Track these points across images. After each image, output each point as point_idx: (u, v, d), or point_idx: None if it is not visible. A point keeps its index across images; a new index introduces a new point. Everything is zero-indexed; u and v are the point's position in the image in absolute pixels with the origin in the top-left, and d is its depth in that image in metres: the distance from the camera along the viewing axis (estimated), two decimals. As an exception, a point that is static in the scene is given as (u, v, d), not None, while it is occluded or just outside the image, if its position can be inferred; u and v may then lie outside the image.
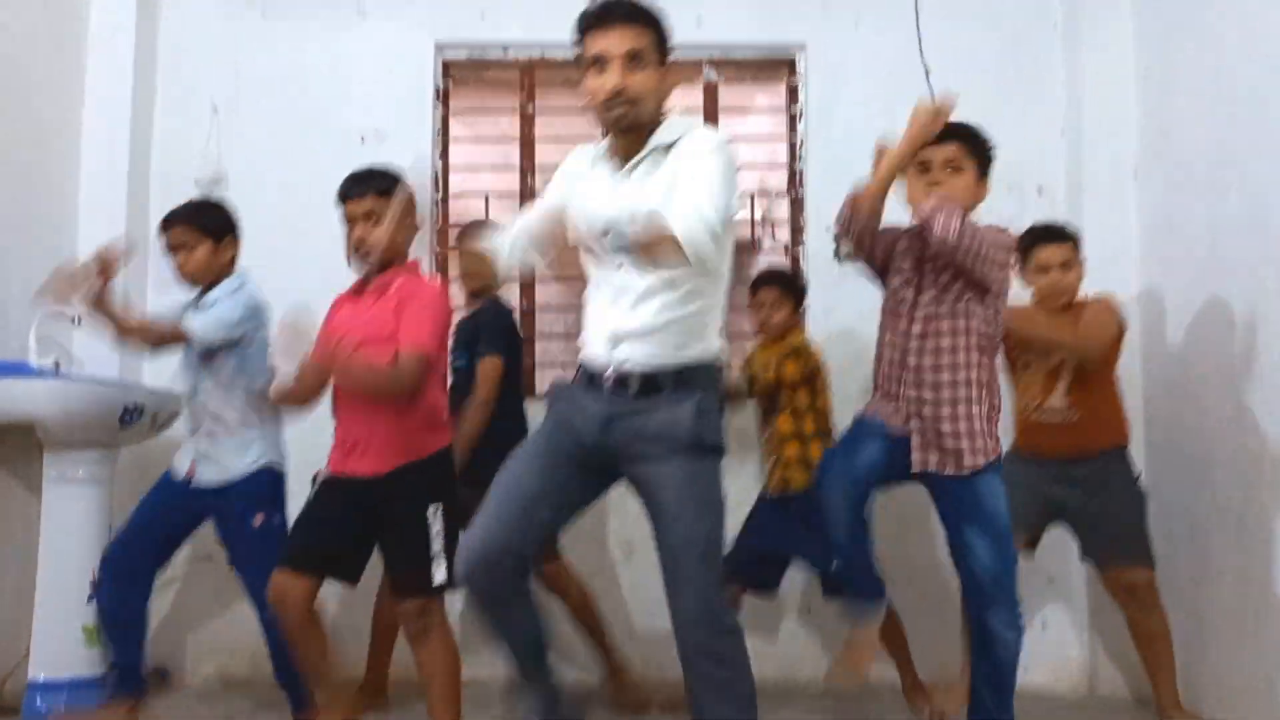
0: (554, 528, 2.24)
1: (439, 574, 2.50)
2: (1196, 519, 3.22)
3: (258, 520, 2.85)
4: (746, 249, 4.43)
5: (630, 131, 2.13)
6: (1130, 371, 3.44)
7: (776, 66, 4.08)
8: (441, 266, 3.94)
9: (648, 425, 2.07)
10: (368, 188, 2.61)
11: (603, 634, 3.34)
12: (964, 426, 2.41)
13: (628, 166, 2.14)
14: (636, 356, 2.08)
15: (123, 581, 2.91)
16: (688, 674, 2.06)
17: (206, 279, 2.94)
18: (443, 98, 3.99)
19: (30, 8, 3.41)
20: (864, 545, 2.49)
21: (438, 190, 3.94)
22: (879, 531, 2.62)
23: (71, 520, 3.10)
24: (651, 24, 2.15)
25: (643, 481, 2.11)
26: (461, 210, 4.07)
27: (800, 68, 3.98)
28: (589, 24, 2.12)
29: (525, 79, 4.02)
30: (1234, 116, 3.08)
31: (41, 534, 3.11)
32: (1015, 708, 2.49)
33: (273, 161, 3.86)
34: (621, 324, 2.10)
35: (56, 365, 3.25)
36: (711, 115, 4.04)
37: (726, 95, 4.08)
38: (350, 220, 2.63)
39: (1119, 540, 3.02)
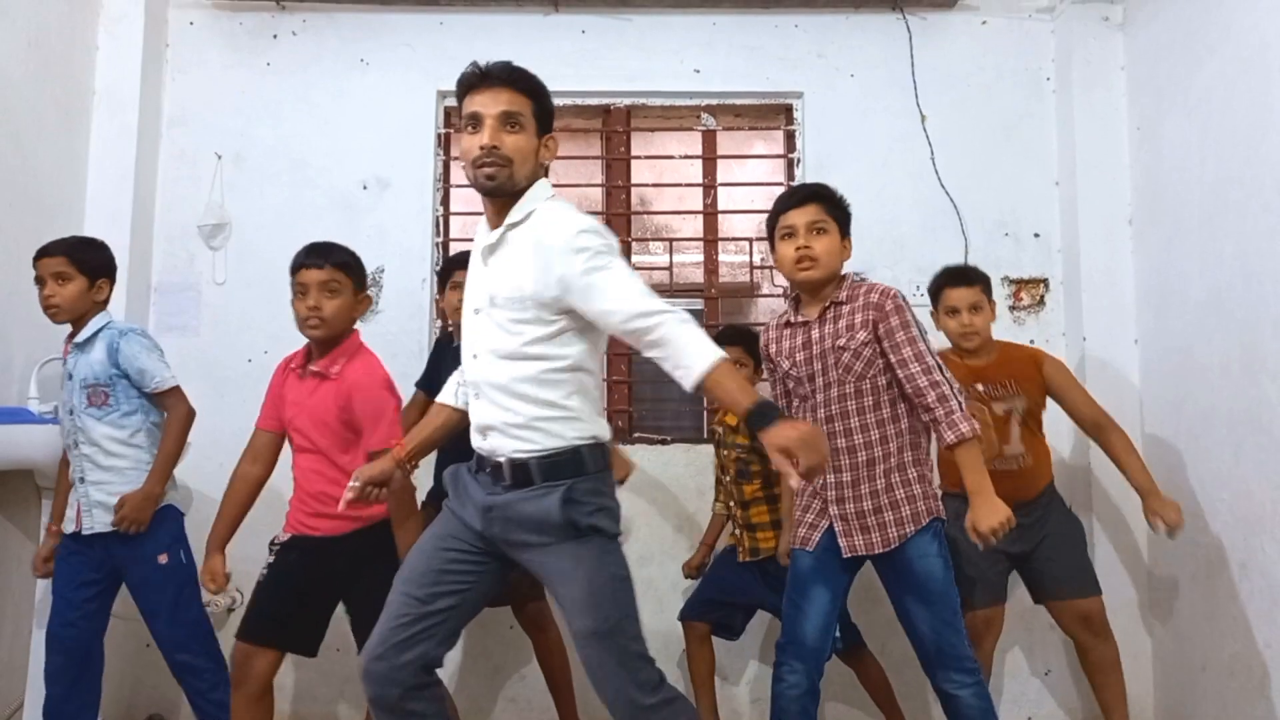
0: (460, 617, 2.12)
1: None
2: (1198, 566, 3.21)
3: (162, 559, 2.81)
4: (744, 293, 4.45)
5: (497, 195, 2.13)
6: (1129, 416, 3.46)
7: (774, 113, 4.13)
8: (442, 314, 3.95)
9: (522, 514, 2.06)
10: (326, 259, 2.63)
11: (568, 685, 3.24)
12: (886, 500, 2.45)
13: (488, 245, 2.16)
14: (505, 449, 2.08)
15: (76, 659, 2.83)
16: None
17: (74, 317, 2.89)
18: (444, 144, 4.03)
19: (36, 55, 3.45)
20: None
21: (438, 235, 3.96)
22: (863, 581, 2.66)
23: (69, 566, 3.09)
24: (531, 90, 2.16)
25: (535, 570, 2.12)
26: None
27: (798, 115, 4.02)
28: (468, 86, 2.14)
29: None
30: (1226, 165, 3.12)
31: (38, 580, 3.10)
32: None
33: (276, 209, 3.89)
34: (488, 416, 2.11)
35: (56, 411, 3.26)
36: (710, 161, 4.08)
37: (724, 142, 4.12)
38: (303, 289, 2.61)
39: (1070, 573, 3.02)
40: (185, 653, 2.81)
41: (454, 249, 4.04)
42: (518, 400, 2.06)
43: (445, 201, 4.02)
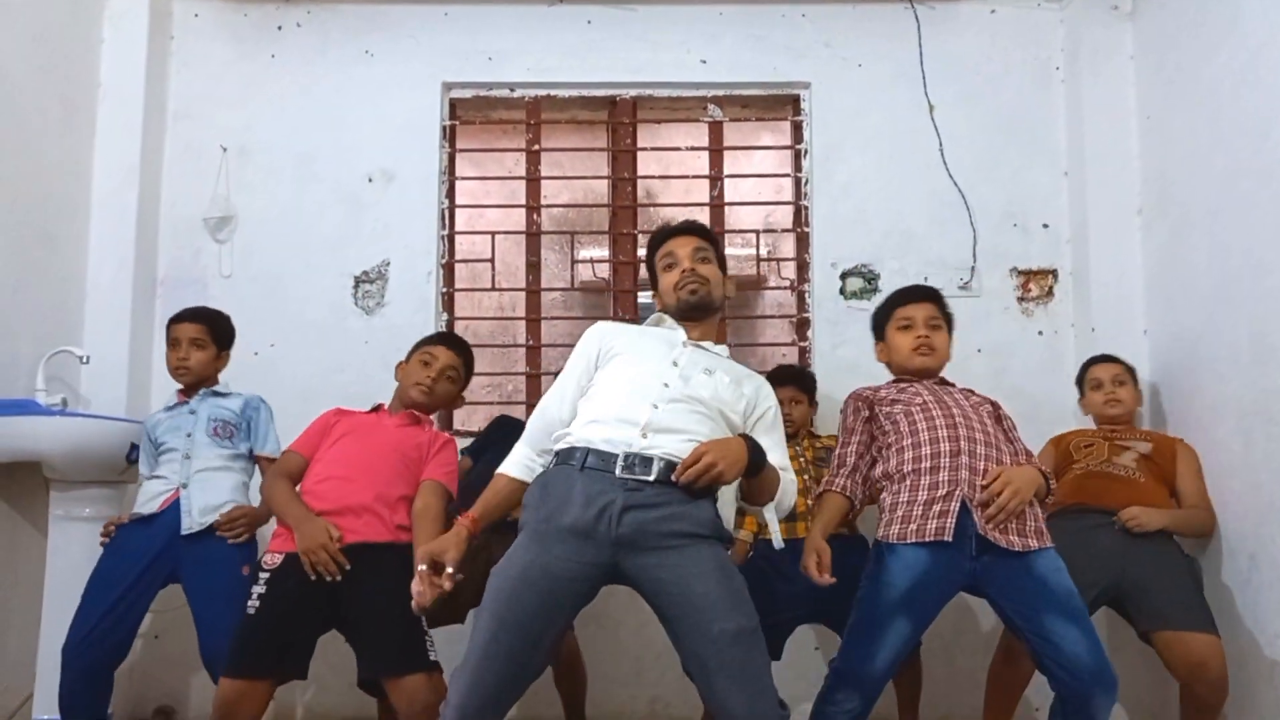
0: (543, 666, 2.14)
1: (432, 651, 2.49)
2: (1207, 557, 3.20)
3: (246, 570, 2.81)
4: (751, 285, 4.44)
5: (702, 312, 2.46)
6: (1138, 409, 3.44)
7: (781, 104, 4.11)
8: (448, 305, 3.95)
9: (674, 511, 2.08)
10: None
11: (580, 704, 3.24)
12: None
13: (693, 339, 2.43)
14: (664, 447, 2.14)
15: (91, 676, 2.82)
16: None
17: (200, 382, 3.09)
18: (449, 136, 4.02)
19: (40, 49, 3.45)
20: None
21: (444, 228, 3.96)
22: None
23: (77, 558, 3.09)
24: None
25: (660, 573, 2.06)
26: (467, 248, 4.09)
27: (805, 106, 4.01)
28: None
29: (531, 118, 4.05)
30: (1235, 155, 3.10)
31: (47, 572, 3.11)
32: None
33: (281, 202, 3.89)
34: (654, 416, 2.18)
35: (64, 403, 3.27)
36: (716, 152, 4.07)
37: (731, 133, 4.11)
38: (428, 360, 2.98)
39: (1182, 602, 2.81)
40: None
41: (459, 242, 4.04)
42: (693, 424, 2.21)
43: (451, 194, 4.02)
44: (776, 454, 2.31)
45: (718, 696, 1.98)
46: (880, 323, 2.83)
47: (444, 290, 3.94)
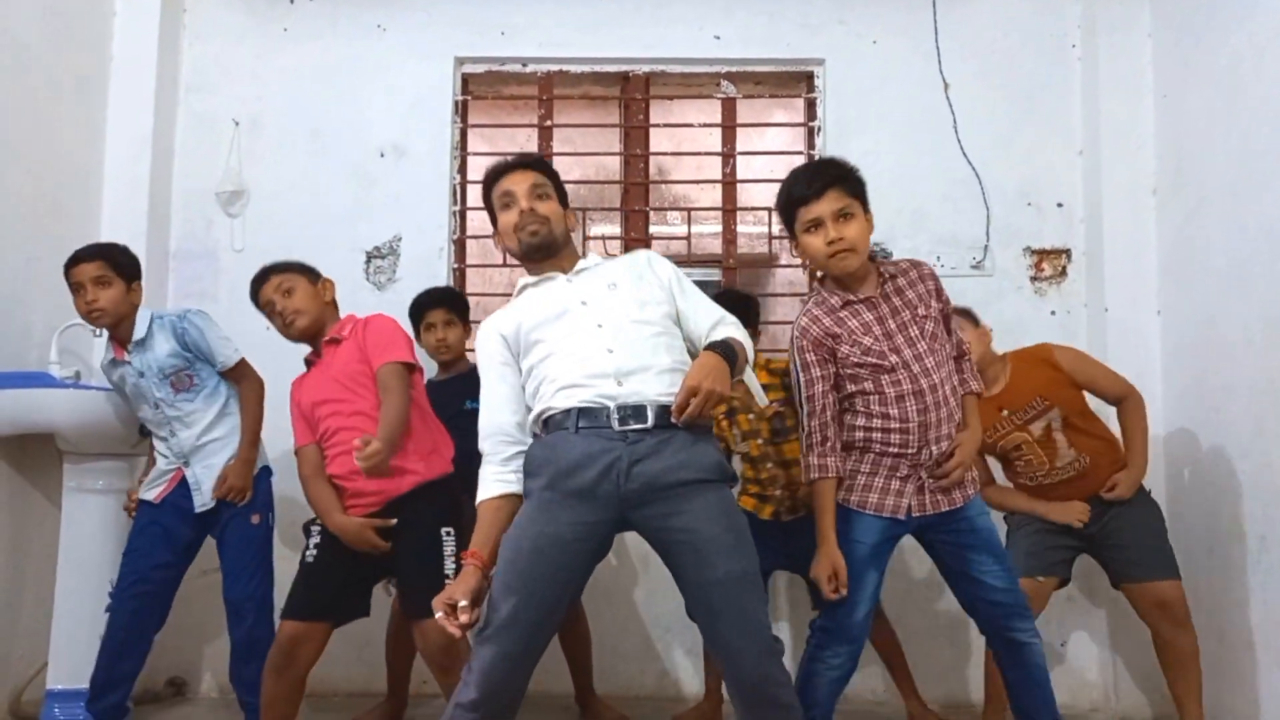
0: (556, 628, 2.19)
1: None
2: (1217, 538, 3.19)
3: (254, 519, 2.93)
4: (763, 263, 4.43)
5: (548, 253, 2.36)
6: (1151, 387, 3.42)
7: (794, 81, 4.09)
8: (460, 281, 3.95)
9: (679, 457, 2.09)
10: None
11: (586, 659, 3.35)
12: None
13: (574, 271, 2.37)
14: (650, 391, 2.12)
15: (143, 614, 2.93)
16: (750, 710, 2.05)
17: (118, 322, 2.98)
18: (461, 111, 4.01)
19: (53, 21, 3.45)
20: (835, 701, 2.52)
21: (456, 203, 3.95)
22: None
23: (90, 530, 3.13)
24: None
25: (669, 521, 2.07)
26: (480, 224, 4.09)
27: (818, 82, 3.98)
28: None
29: (544, 93, 4.04)
30: (1252, 134, 3.07)
31: (61, 543, 3.14)
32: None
33: (293, 176, 3.89)
34: (628, 361, 2.14)
35: (77, 376, 3.29)
36: (729, 129, 4.05)
37: (743, 110, 4.09)
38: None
39: (1143, 554, 2.97)
40: (253, 591, 2.88)
41: (471, 218, 4.04)
42: (657, 351, 2.19)
43: (462, 170, 4.01)
44: (709, 313, 2.31)
45: (721, 637, 2.03)
46: (788, 224, 2.53)
47: (455, 266, 3.94)
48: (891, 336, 2.45)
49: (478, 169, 4.06)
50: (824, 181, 2.42)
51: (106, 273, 2.93)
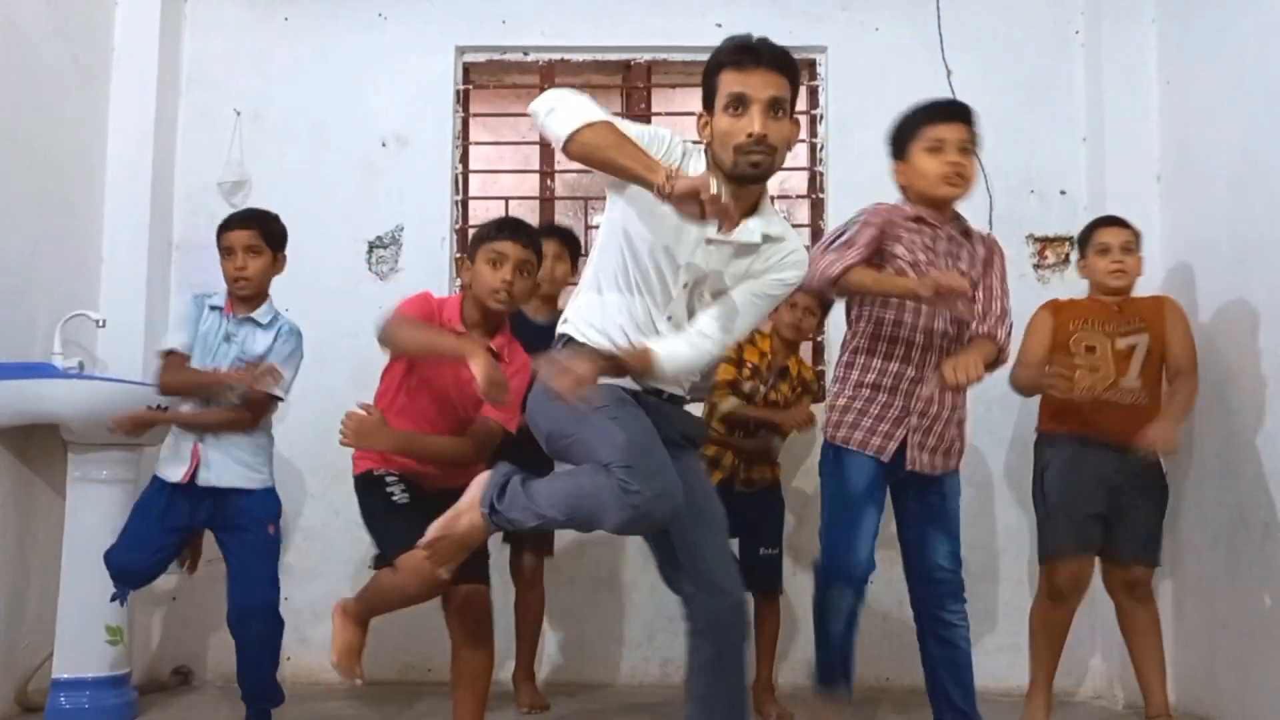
0: None
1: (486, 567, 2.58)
2: (1221, 525, 3.19)
3: (271, 530, 2.92)
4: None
5: (757, 182, 2.11)
6: (1153, 376, 3.43)
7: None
8: (461, 271, 3.95)
9: (675, 420, 2.18)
10: (529, 238, 2.67)
11: (535, 640, 3.40)
12: (956, 429, 2.62)
13: (721, 237, 2.06)
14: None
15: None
16: (719, 644, 2.07)
17: (259, 290, 2.96)
18: (463, 101, 4.00)
19: (55, 12, 3.44)
20: (853, 637, 2.59)
21: (457, 193, 3.95)
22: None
23: (95, 520, 3.12)
24: (795, 75, 2.13)
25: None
26: (482, 213, 4.08)
27: (821, 70, 3.97)
28: (731, 60, 2.08)
29: (545, 82, 4.03)
30: (1257, 122, 3.06)
31: (65, 534, 3.14)
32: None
33: (295, 167, 3.89)
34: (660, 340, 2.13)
35: (81, 366, 3.29)
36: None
37: (747, 99, 4.07)
38: (497, 260, 2.59)
39: (1142, 539, 2.98)
40: (270, 596, 2.85)
41: (473, 207, 4.04)
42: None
43: (464, 159, 4.01)
44: (717, 315, 2.14)
45: (700, 568, 2.07)
46: (903, 140, 2.57)
47: (458, 255, 3.93)
48: (936, 267, 2.52)
49: (480, 158, 4.07)
50: (959, 111, 2.56)
51: (259, 242, 2.93)
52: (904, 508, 2.66)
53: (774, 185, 4.18)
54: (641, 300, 2.12)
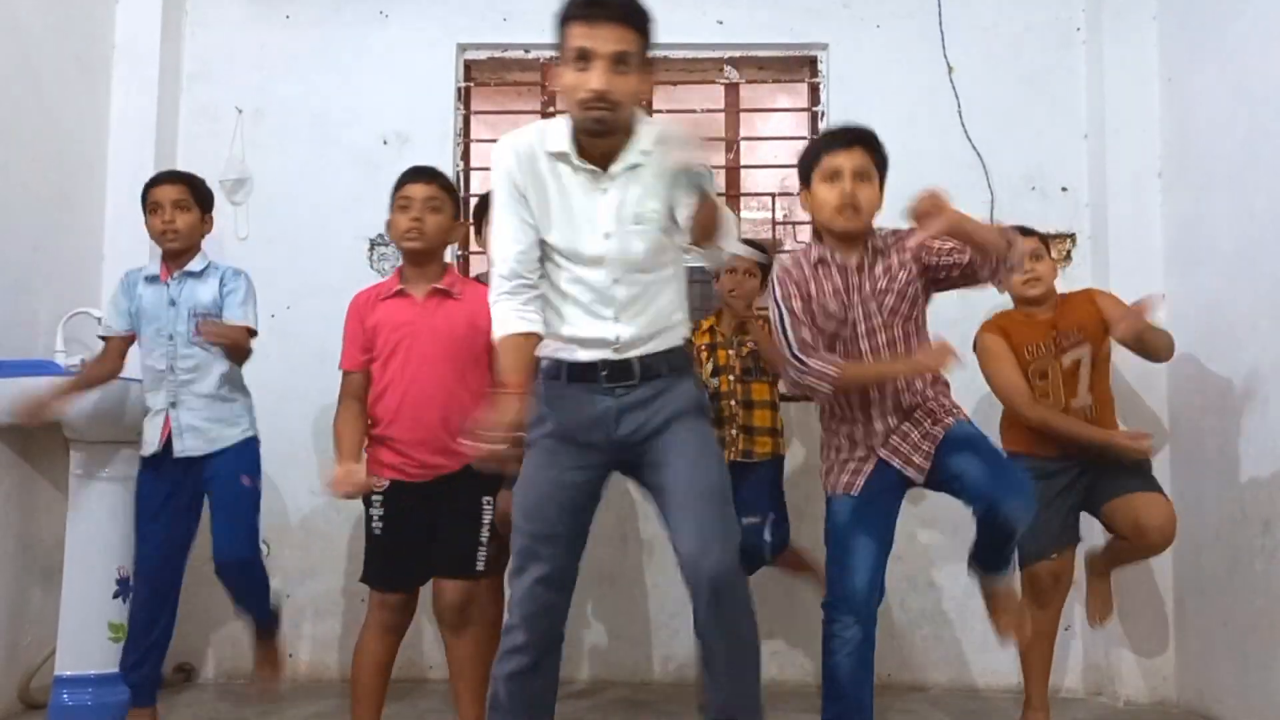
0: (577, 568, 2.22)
1: (481, 562, 2.62)
2: (1221, 523, 3.19)
3: (245, 481, 2.92)
4: (769, 248, 4.43)
5: (604, 136, 2.09)
6: (1155, 373, 3.42)
7: (798, 66, 4.08)
8: (464, 267, 3.96)
9: (656, 403, 2.14)
10: (432, 177, 2.72)
11: None
12: (928, 425, 2.47)
13: (608, 175, 2.12)
14: (635, 350, 2.14)
15: (160, 591, 2.95)
16: (712, 625, 2.05)
17: (188, 248, 2.98)
18: (464, 98, 4.00)
19: (56, 8, 3.45)
20: (865, 685, 2.49)
21: (459, 191, 3.95)
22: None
23: (97, 517, 3.14)
24: (643, 26, 2.10)
25: (658, 446, 2.13)
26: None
27: (822, 67, 3.97)
28: (576, 14, 2.06)
29: (547, 79, 4.03)
30: (1258, 117, 3.06)
31: (68, 531, 3.15)
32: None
33: (297, 164, 3.89)
34: (619, 327, 2.12)
35: (83, 364, 3.29)
36: (732, 114, 4.04)
37: (747, 95, 4.08)
38: (406, 204, 2.67)
39: (1136, 478, 2.95)
40: (247, 552, 2.89)
41: (474, 204, 4.03)
42: (650, 306, 2.15)
43: (465, 157, 4.01)
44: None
45: (680, 535, 2.06)
46: (805, 169, 2.53)
47: (459, 253, 3.94)
48: (851, 309, 2.47)
49: (481, 156, 4.07)
50: (854, 137, 2.49)
51: (186, 198, 2.96)
52: (935, 477, 2.48)
53: (776, 181, 4.21)
54: (584, 286, 2.14)
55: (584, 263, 2.12)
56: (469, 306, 2.65)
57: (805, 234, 4.03)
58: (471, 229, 3.46)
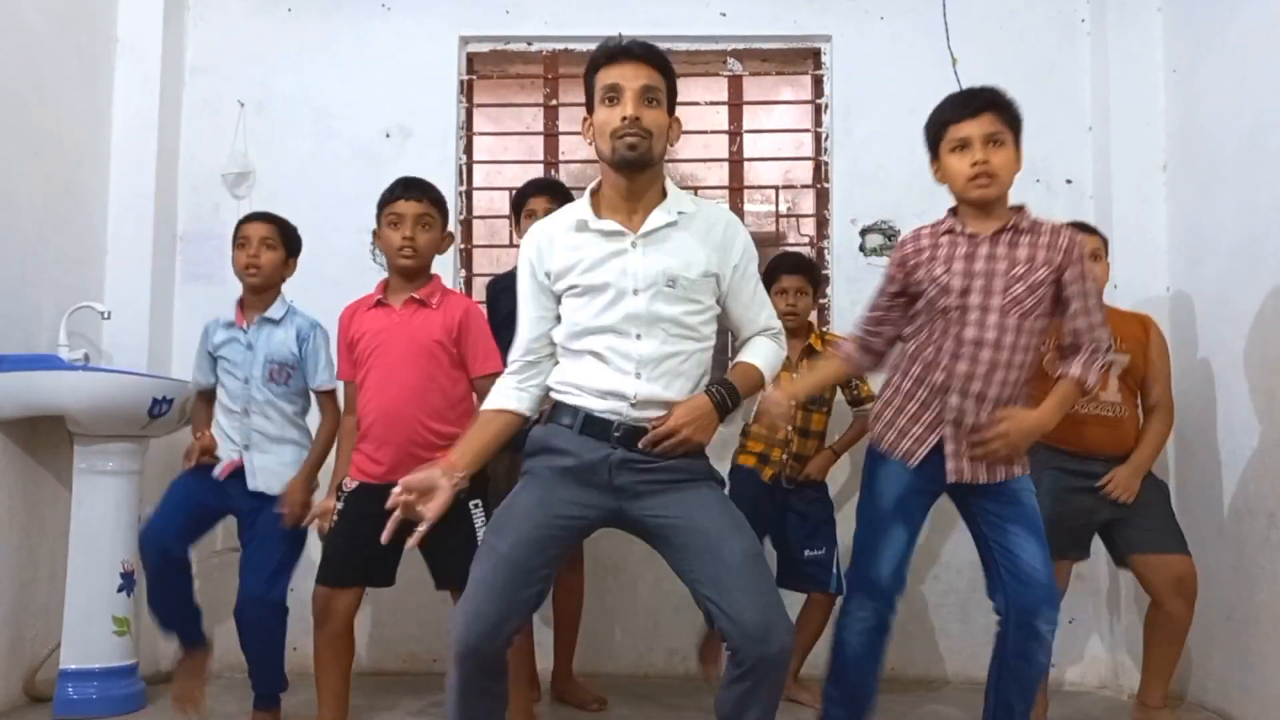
0: (541, 597, 2.12)
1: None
2: (1225, 518, 3.19)
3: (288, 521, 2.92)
4: (770, 242, 4.42)
5: (637, 170, 2.14)
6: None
7: (802, 58, 4.06)
8: (466, 261, 3.95)
9: (667, 464, 2.10)
10: (423, 192, 2.73)
11: (575, 627, 3.37)
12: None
13: (644, 232, 2.15)
14: (652, 416, 2.10)
15: (165, 559, 2.92)
16: (751, 688, 1.99)
17: (269, 285, 3.04)
18: (467, 91, 4.00)
19: (57, 2, 3.44)
20: (872, 672, 2.45)
21: (462, 184, 3.94)
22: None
23: (101, 511, 3.14)
24: (667, 69, 2.20)
25: (665, 510, 2.08)
26: (485, 204, 4.08)
27: (826, 60, 3.96)
28: (603, 60, 2.18)
29: (549, 72, 4.02)
30: (1264, 109, 3.05)
31: (72, 525, 3.16)
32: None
33: (299, 158, 3.89)
34: (639, 388, 2.10)
35: (86, 358, 3.30)
36: (736, 107, 4.03)
37: (750, 87, 4.06)
38: (396, 221, 2.70)
39: (1160, 529, 2.95)
40: (274, 593, 2.88)
41: (477, 198, 4.03)
42: (680, 376, 2.14)
43: (469, 150, 4.00)
44: (757, 316, 2.26)
45: (736, 609, 1.98)
46: (933, 141, 2.45)
47: (462, 247, 3.93)
48: (973, 278, 2.34)
49: (484, 149, 4.06)
50: (981, 103, 2.37)
51: (274, 236, 3.02)
52: (972, 513, 2.44)
53: (779, 174, 4.20)
54: (608, 344, 2.13)
55: (607, 318, 2.12)
56: (444, 316, 2.70)
57: (808, 226, 4.02)
58: (511, 221, 3.51)
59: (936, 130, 2.41)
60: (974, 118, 2.34)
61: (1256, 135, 3.08)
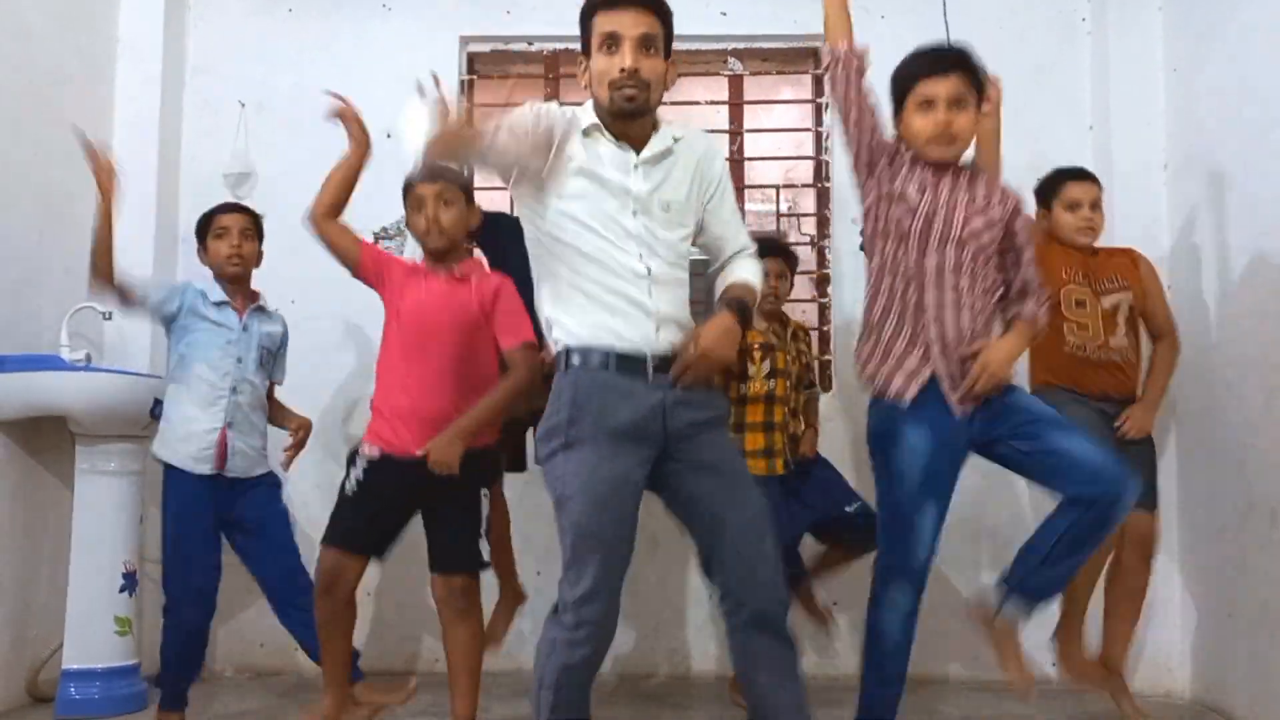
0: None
1: (485, 551, 2.65)
2: (1227, 513, 3.19)
3: (283, 507, 3.02)
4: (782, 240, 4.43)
5: (634, 118, 2.13)
6: (1160, 364, 3.41)
7: (802, 57, 4.07)
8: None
9: (696, 403, 2.09)
10: (441, 173, 2.75)
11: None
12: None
13: (644, 157, 2.14)
14: (675, 339, 2.09)
15: (198, 638, 2.96)
16: (753, 654, 2.03)
17: (248, 275, 3.09)
18: (467, 91, 4.00)
19: (58, 3, 3.45)
20: (905, 659, 2.39)
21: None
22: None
23: (103, 511, 3.15)
24: (665, 14, 2.16)
25: (698, 457, 2.08)
26: (487, 204, 4.06)
27: (826, 59, 3.95)
28: (601, 4, 2.13)
29: (550, 71, 4.02)
30: (1264, 108, 3.05)
31: (74, 525, 3.16)
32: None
33: (300, 157, 3.86)
34: (661, 308, 2.08)
35: (88, 358, 3.30)
36: (736, 107, 4.03)
37: (751, 87, 4.06)
38: (419, 204, 2.73)
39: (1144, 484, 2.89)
40: (300, 572, 2.93)
41: (478, 198, 4.01)
42: (683, 296, 2.17)
43: (469, 149, 3.99)
44: (738, 235, 2.27)
45: (747, 564, 2.02)
46: (898, 95, 2.46)
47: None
48: (938, 206, 2.36)
49: (484, 149, 4.05)
50: (949, 63, 2.39)
51: (251, 227, 3.08)
52: (999, 448, 2.36)
53: (780, 174, 4.19)
54: (613, 259, 2.10)
55: (614, 237, 2.09)
56: (478, 292, 2.69)
57: (809, 225, 4.02)
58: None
59: (904, 84, 2.44)
60: (943, 76, 2.37)
61: (1257, 134, 3.08)
